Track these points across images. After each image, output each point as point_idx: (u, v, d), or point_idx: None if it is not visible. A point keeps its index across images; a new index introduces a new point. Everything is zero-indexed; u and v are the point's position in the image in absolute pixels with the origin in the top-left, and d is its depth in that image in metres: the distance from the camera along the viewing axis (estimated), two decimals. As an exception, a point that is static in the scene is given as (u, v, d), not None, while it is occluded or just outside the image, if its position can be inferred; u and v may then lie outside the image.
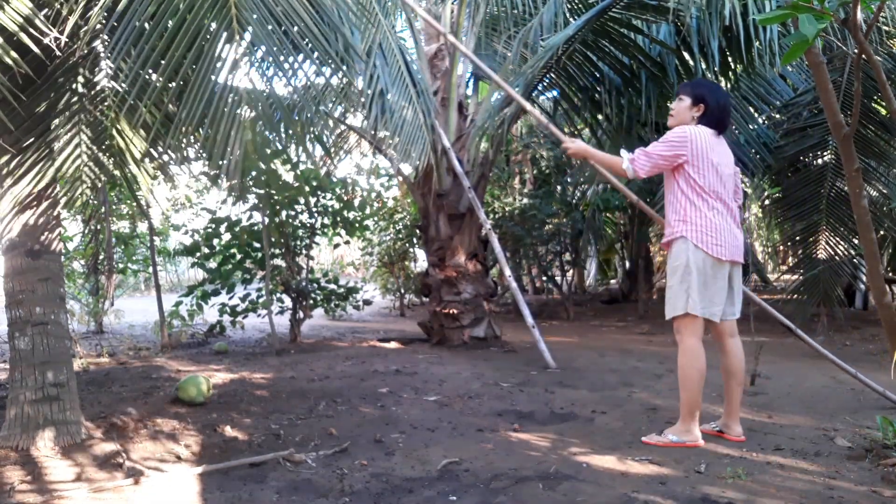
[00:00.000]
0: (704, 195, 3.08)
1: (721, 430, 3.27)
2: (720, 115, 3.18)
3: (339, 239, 7.95)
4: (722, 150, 3.17)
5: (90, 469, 2.95)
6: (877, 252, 2.36)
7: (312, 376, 4.94)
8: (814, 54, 2.34)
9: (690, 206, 3.10)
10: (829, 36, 2.94)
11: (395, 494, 2.60)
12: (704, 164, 3.08)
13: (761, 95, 7.07)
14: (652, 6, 5.44)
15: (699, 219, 3.08)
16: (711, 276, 3.07)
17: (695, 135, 3.09)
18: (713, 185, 3.08)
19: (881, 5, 2.05)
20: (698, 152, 3.08)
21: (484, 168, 6.66)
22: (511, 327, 7.24)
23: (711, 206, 3.08)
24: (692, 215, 3.10)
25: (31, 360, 3.24)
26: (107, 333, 8.23)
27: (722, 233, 3.07)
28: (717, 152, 3.13)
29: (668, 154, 3.11)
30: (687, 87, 3.28)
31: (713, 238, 3.06)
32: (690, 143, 3.08)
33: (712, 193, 3.08)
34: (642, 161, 3.15)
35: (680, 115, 3.24)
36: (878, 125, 6.24)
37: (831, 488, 2.53)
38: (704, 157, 3.08)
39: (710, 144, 3.11)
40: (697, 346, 3.12)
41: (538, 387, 4.48)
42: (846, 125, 2.36)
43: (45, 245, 3.31)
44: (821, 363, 5.27)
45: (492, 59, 7.38)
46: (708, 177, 3.08)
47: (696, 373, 3.11)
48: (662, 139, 3.15)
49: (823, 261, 6.41)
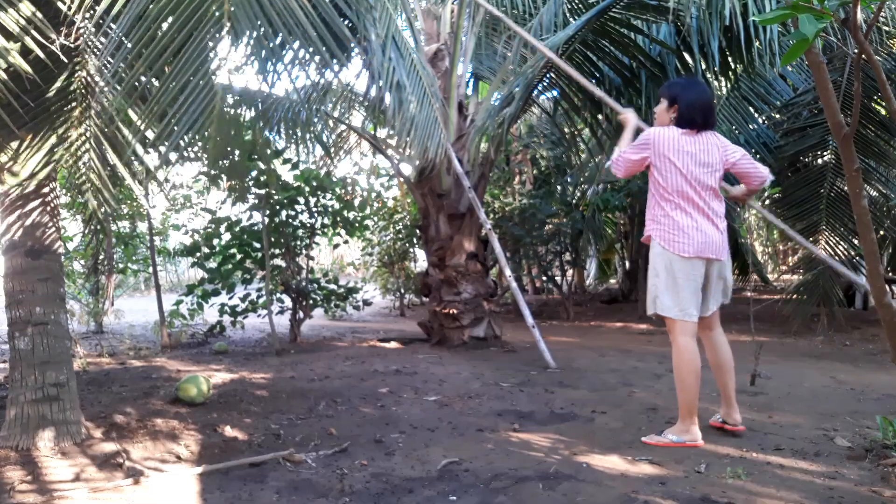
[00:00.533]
0: (668, 195, 3.15)
1: (724, 421, 3.31)
2: (690, 114, 3.19)
3: (339, 239, 7.95)
4: (700, 148, 3.17)
5: (90, 469, 2.95)
6: (877, 252, 2.36)
7: (312, 376, 4.94)
8: (814, 54, 2.34)
9: (657, 207, 3.21)
10: (829, 36, 2.93)
11: (395, 494, 2.60)
12: (666, 165, 3.14)
13: (761, 95, 7.08)
14: (652, 6, 5.44)
15: (663, 218, 3.17)
16: (682, 276, 3.11)
17: (657, 136, 3.17)
18: (677, 184, 3.13)
19: (881, 5, 2.05)
20: (660, 153, 3.15)
21: (484, 168, 6.66)
22: (511, 327, 7.24)
23: (675, 205, 3.14)
24: (658, 215, 3.20)
25: (31, 360, 3.24)
26: (107, 333, 8.23)
27: (687, 231, 3.11)
28: (687, 152, 3.14)
29: (636, 157, 3.24)
30: (664, 89, 3.36)
31: (676, 237, 3.11)
32: (653, 145, 3.17)
33: (675, 193, 3.14)
34: (619, 162, 3.29)
35: (660, 118, 3.32)
36: (878, 125, 6.25)
37: (831, 488, 2.53)
38: (665, 158, 3.14)
39: (676, 145, 3.14)
40: (689, 345, 3.15)
41: (538, 387, 4.48)
42: (846, 125, 2.36)
43: (45, 245, 3.31)
44: (821, 363, 5.28)
45: (492, 59, 7.38)
46: (671, 178, 3.13)
47: (690, 372, 3.15)
48: (634, 142, 3.26)
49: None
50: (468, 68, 6.93)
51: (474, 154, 6.58)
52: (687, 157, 3.14)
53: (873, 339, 6.31)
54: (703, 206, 3.15)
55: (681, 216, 3.12)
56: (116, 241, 8.46)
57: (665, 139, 3.15)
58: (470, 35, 6.68)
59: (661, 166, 3.15)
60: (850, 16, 1.93)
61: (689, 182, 3.13)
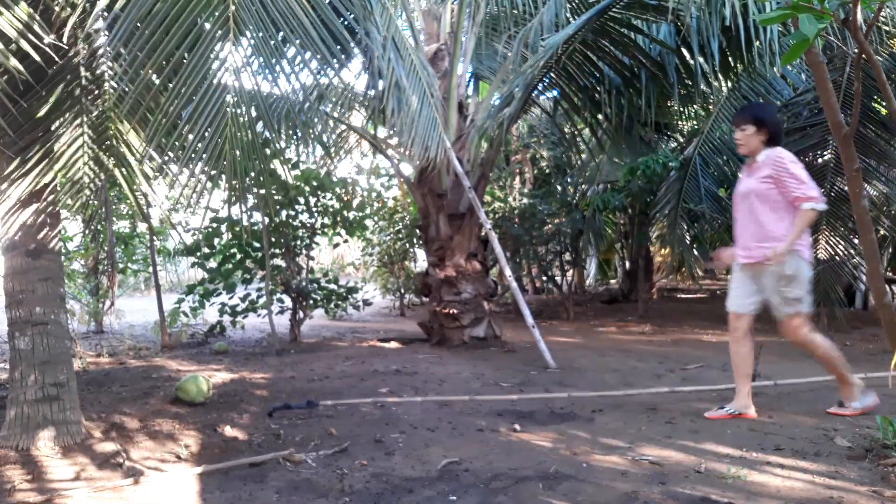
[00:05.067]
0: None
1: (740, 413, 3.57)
2: (780, 133, 3.66)
3: (339, 239, 7.95)
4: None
5: (90, 469, 2.95)
6: (877, 252, 2.36)
7: (312, 376, 4.94)
8: (814, 54, 2.34)
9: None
10: (829, 36, 2.94)
11: (395, 494, 2.60)
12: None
13: (761, 95, 7.07)
14: (652, 6, 5.44)
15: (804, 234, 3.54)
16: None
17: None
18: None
19: (881, 5, 2.05)
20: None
21: (484, 168, 6.66)
22: (511, 327, 7.24)
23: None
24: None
25: (31, 360, 3.24)
26: (107, 333, 8.23)
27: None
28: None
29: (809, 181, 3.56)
30: (746, 114, 3.66)
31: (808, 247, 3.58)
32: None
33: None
34: (817, 195, 3.42)
35: (749, 143, 3.60)
36: (878, 125, 6.24)
37: (831, 488, 2.53)
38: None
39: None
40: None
41: (538, 387, 4.48)
42: (846, 125, 2.36)
43: (45, 245, 3.31)
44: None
45: (492, 59, 7.38)
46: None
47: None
48: (797, 174, 3.43)
49: (823, 261, 6.41)
50: (468, 68, 6.93)
51: (474, 154, 6.58)
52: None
53: (873, 339, 6.30)
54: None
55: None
56: (116, 241, 8.46)
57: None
58: (470, 35, 6.67)
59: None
60: (850, 16, 1.93)
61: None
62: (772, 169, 3.44)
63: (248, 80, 2.84)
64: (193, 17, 2.74)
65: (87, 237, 7.97)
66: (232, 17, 2.70)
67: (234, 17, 2.71)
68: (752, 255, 3.52)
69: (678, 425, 3.46)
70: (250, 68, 2.86)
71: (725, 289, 4.06)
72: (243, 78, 2.78)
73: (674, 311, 9.42)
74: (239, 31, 2.73)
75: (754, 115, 3.57)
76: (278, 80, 2.99)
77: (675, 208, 7.60)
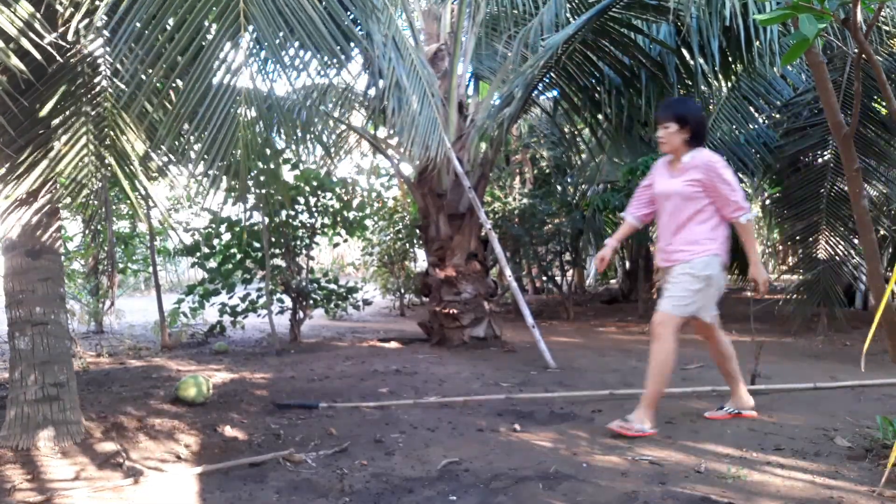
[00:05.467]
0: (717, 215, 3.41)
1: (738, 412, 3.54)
2: (702, 131, 3.45)
3: (339, 239, 7.96)
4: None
5: (90, 469, 2.95)
6: (877, 252, 2.36)
7: (312, 376, 4.94)
8: (814, 54, 2.34)
9: (721, 227, 3.42)
10: (829, 36, 2.94)
11: (395, 494, 2.60)
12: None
13: (761, 95, 7.08)
14: (652, 6, 5.44)
15: (722, 235, 3.41)
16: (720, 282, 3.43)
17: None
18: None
19: (881, 5, 2.05)
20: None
21: (484, 168, 6.66)
22: (511, 327, 7.24)
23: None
24: (720, 235, 3.41)
25: (31, 360, 3.24)
26: (107, 333, 8.23)
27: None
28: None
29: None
30: (668, 111, 3.45)
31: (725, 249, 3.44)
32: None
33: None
34: (746, 205, 3.33)
35: (671, 142, 3.42)
36: (878, 125, 6.24)
37: (831, 488, 2.53)
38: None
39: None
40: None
41: (538, 387, 4.48)
42: (846, 125, 2.36)
43: (45, 245, 3.31)
44: (821, 363, 5.28)
45: (492, 59, 7.38)
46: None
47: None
48: (729, 178, 3.31)
49: (823, 261, 6.41)
50: (468, 68, 6.93)
51: (474, 154, 6.58)
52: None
53: (873, 339, 6.30)
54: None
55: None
56: (116, 240, 8.46)
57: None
58: (470, 35, 6.67)
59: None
60: (850, 16, 1.93)
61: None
62: (703, 174, 3.28)
63: (259, 78, 2.85)
64: (203, 14, 2.74)
65: (87, 237, 7.97)
66: (242, 13, 2.70)
67: (244, 13, 2.71)
68: (670, 259, 3.40)
69: (678, 425, 3.45)
70: (258, 64, 2.86)
71: (726, 289, 4.05)
72: (246, 75, 2.78)
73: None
74: (247, 24, 2.73)
75: (676, 112, 3.36)
76: (288, 77, 2.99)
77: (675, 208, 7.58)
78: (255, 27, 2.74)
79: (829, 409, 3.72)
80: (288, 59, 2.93)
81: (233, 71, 2.78)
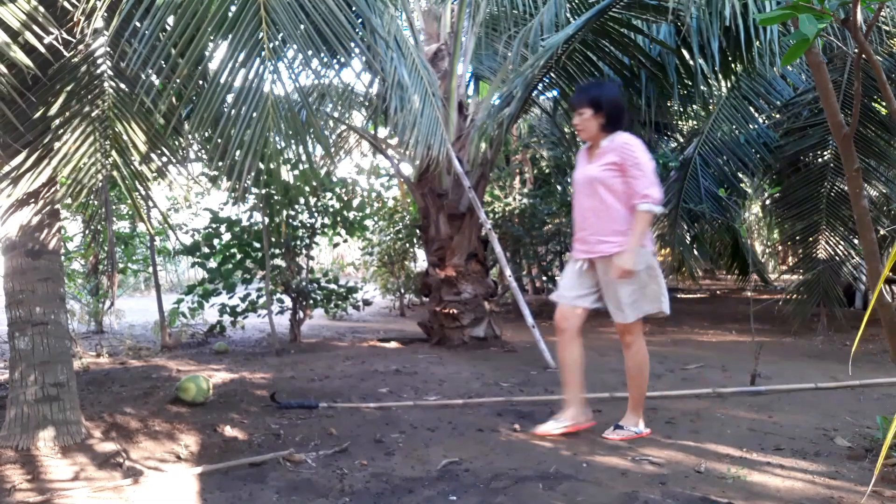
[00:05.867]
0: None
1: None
2: (621, 115, 3.28)
3: (339, 239, 7.96)
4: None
5: (90, 469, 2.95)
6: (877, 252, 2.36)
7: (312, 376, 4.94)
8: (814, 54, 2.34)
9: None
10: (829, 36, 2.94)
11: (395, 494, 2.60)
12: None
13: (761, 95, 7.08)
14: (652, 6, 5.44)
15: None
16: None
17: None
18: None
19: (881, 5, 2.05)
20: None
21: (484, 168, 6.66)
22: (511, 327, 7.24)
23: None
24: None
25: (31, 360, 3.24)
26: (107, 333, 8.22)
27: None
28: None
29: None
30: (582, 97, 3.27)
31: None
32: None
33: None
34: (657, 195, 3.11)
35: (587, 128, 3.29)
36: (878, 125, 6.25)
37: (831, 488, 2.53)
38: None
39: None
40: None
41: (538, 387, 4.48)
42: (846, 125, 2.36)
43: (45, 245, 3.31)
44: (821, 363, 5.28)
45: (492, 59, 7.38)
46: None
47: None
48: (642, 162, 3.12)
49: (823, 261, 6.41)
50: (468, 68, 6.93)
51: (474, 154, 6.58)
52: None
53: (873, 339, 6.30)
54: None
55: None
56: (116, 240, 8.46)
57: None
58: (470, 35, 6.67)
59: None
60: (850, 16, 1.93)
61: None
62: (618, 156, 3.11)
63: (285, 75, 2.87)
64: (226, 8, 2.76)
65: (87, 237, 7.97)
66: (262, 6, 2.72)
67: (265, 6, 2.73)
68: (592, 251, 3.22)
69: (678, 425, 3.46)
70: (286, 62, 2.87)
71: (726, 289, 4.04)
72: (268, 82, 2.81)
73: (673, 311, 9.39)
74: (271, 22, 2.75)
75: (589, 96, 3.18)
76: (294, 77, 3.00)
77: (675, 208, 7.61)
78: (280, 27, 2.77)
79: (829, 409, 3.72)
80: (302, 58, 2.95)
81: (259, 75, 2.80)
